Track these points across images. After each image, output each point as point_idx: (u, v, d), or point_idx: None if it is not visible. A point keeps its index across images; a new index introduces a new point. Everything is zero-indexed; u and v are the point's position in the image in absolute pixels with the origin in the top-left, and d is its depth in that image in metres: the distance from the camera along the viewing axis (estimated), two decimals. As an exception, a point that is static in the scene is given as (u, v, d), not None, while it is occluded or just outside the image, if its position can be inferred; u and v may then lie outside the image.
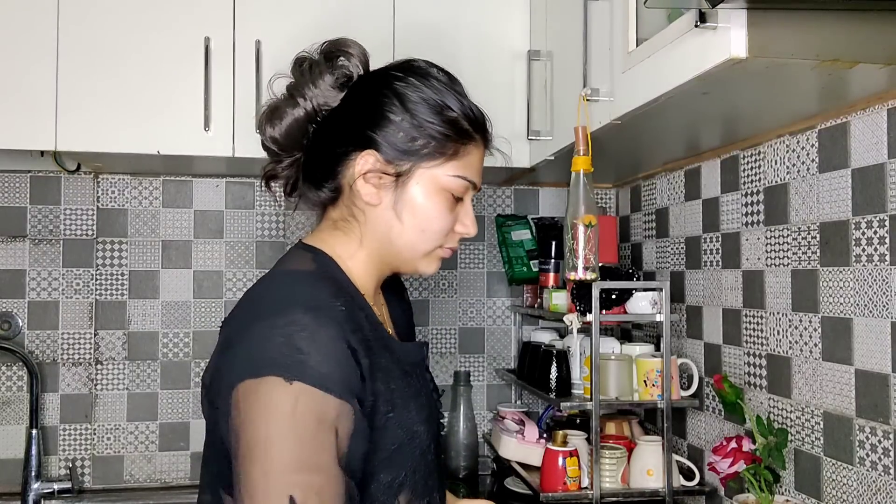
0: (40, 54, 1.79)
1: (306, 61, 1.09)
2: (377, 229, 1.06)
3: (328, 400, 0.89)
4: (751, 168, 1.64)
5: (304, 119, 1.08)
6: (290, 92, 1.09)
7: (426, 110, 1.04)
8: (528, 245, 2.25)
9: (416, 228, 1.05)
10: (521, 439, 1.91)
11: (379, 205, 1.05)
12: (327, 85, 1.07)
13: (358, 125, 1.05)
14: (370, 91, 1.06)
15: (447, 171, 1.05)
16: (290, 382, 0.88)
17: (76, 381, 2.17)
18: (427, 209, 1.05)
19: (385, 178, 1.04)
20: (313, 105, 1.07)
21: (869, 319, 1.30)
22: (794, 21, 1.02)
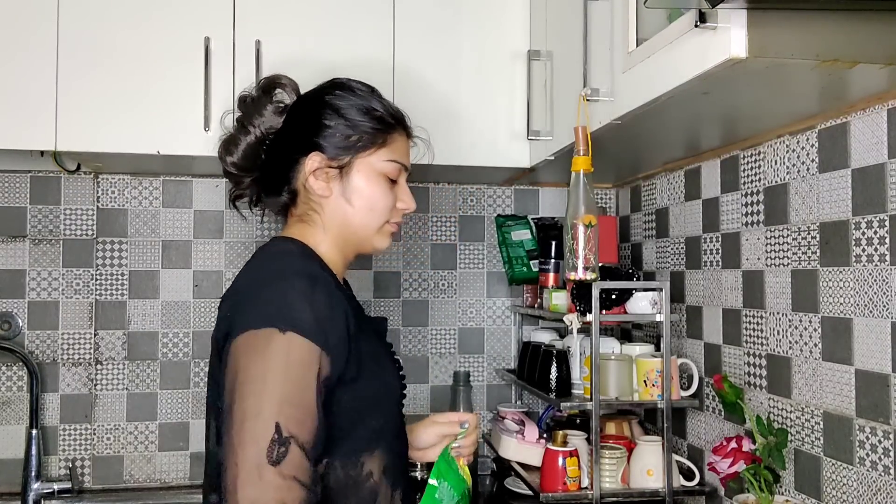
0: (40, 54, 1.79)
1: (248, 97, 1.32)
2: (335, 216, 1.26)
3: (315, 350, 1.07)
4: (751, 168, 1.64)
5: (255, 143, 1.30)
6: (240, 123, 1.31)
7: (355, 113, 1.26)
8: (528, 245, 2.25)
9: (365, 209, 1.26)
10: (521, 439, 1.91)
11: (331, 196, 1.26)
12: (269, 112, 1.30)
13: (302, 136, 1.26)
14: (307, 107, 1.28)
15: (380, 158, 1.27)
16: (284, 332, 1.06)
17: (76, 381, 2.17)
18: (371, 191, 1.26)
19: (331, 171, 1.25)
20: (262, 130, 1.29)
21: (869, 319, 1.30)
22: (794, 21, 1.02)
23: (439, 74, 1.94)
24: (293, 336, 1.06)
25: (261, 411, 1.03)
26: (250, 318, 1.09)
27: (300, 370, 1.06)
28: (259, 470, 1.01)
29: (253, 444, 1.02)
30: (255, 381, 1.05)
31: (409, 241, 2.34)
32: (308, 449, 1.05)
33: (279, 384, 1.05)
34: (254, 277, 1.18)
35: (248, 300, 1.13)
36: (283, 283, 1.12)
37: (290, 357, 1.06)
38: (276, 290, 1.11)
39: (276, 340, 1.06)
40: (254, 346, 1.07)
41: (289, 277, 1.13)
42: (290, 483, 1.02)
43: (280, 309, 1.08)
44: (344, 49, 1.88)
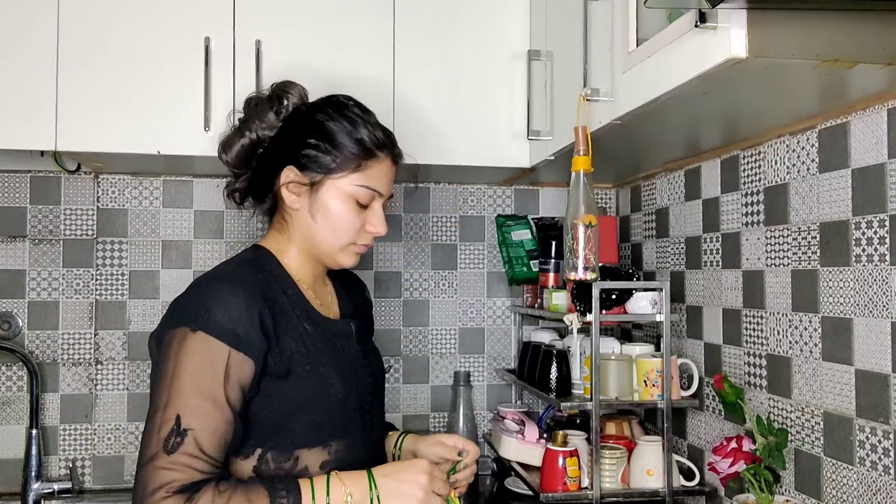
0: (40, 54, 1.79)
1: (253, 100, 1.38)
2: (300, 228, 1.34)
3: (223, 348, 1.15)
4: (751, 168, 1.64)
5: (250, 146, 1.36)
6: (239, 125, 1.38)
7: (338, 135, 1.31)
8: (528, 245, 2.25)
9: (327, 228, 1.32)
10: (522, 439, 1.91)
11: (300, 209, 1.33)
12: (271, 118, 1.35)
13: (286, 147, 1.33)
14: (298, 121, 1.34)
15: (352, 182, 1.31)
16: (195, 332, 1.16)
17: (76, 381, 2.17)
18: (336, 212, 1.32)
19: (301, 187, 1.32)
20: (258, 134, 1.35)
21: (869, 319, 1.30)
22: (794, 21, 1.02)
23: (440, 74, 1.94)
24: (202, 335, 1.15)
25: (166, 404, 1.13)
26: (170, 318, 1.20)
27: (207, 367, 1.14)
28: (155, 458, 1.10)
29: (155, 434, 1.12)
30: (166, 376, 1.15)
31: (409, 241, 2.34)
32: (207, 440, 1.12)
33: (186, 379, 1.13)
34: (192, 283, 1.27)
35: (175, 302, 1.23)
36: (204, 287, 1.22)
37: (198, 354, 1.14)
38: (196, 293, 1.22)
39: (187, 339, 1.15)
40: (168, 343, 1.17)
41: (211, 281, 1.23)
42: (180, 467, 1.10)
43: (195, 310, 1.18)
44: (344, 49, 1.88)
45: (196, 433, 1.12)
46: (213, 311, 1.17)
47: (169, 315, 1.22)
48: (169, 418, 1.12)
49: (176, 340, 1.17)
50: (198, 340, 1.16)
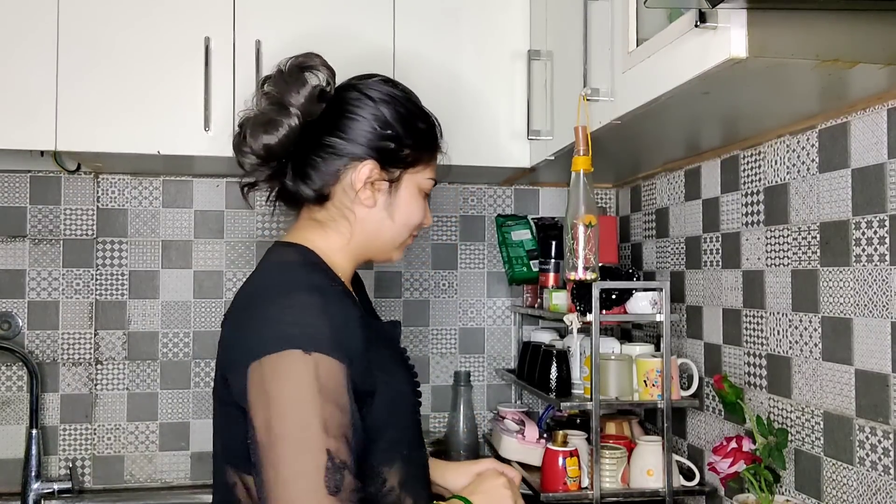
0: (40, 54, 1.79)
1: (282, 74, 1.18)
2: (367, 227, 1.20)
3: (342, 367, 1.02)
4: (751, 168, 1.64)
5: (297, 128, 1.15)
6: (276, 101, 1.16)
7: (411, 125, 1.19)
8: (528, 245, 2.25)
9: (402, 225, 1.22)
10: (522, 439, 1.91)
11: (374, 207, 1.19)
12: (307, 95, 1.16)
13: (353, 137, 1.16)
14: (356, 105, 1.18)
15: (426, 176, 1.23)
16: (309, 353, 0.99)
17: (76, 381, 2.17)
18: (413, 208, 1.22)
19: (382, 184, 1.18)
20: (302, 114, 1.15)
21: (869, 319, 1.30)
22: (794, 21, 1.02)
23: (439, 74, 1.94)
24: (319, 357, 1.00)
25: (307, 441, 0.96)
26: (266, 342, 1.01)
27: (335, 391, 1.00)
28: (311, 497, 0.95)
29: (304, 477, 0.95)
30: (293, 410, 0.98)
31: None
32: (354, 471, 1.00)
33: (318, 409, 0.98)
34: (258, 294, 1.10)
35: (257, 321, 1.04)
36: (293, 300, 1.04)
37: (321, 379, 0.99)
38: (287, 308, 1.04)
39: (302, 363, 0.99)
40: (279, 372, 0.99)
41: (297, 293, 1.06)
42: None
43: (298, 328, 1.01)
44: (344, 49, 1.86)
45: (349, 464, 0.99)
46: (317, 326, 1.02)
47: (258, 338, 1.03)
48: (318, 457, 0.96)
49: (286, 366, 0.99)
50: (316, 363, 1.00)
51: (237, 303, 1.13)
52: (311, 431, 0.97)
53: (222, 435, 1.15)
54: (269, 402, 0.99)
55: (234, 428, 1.07)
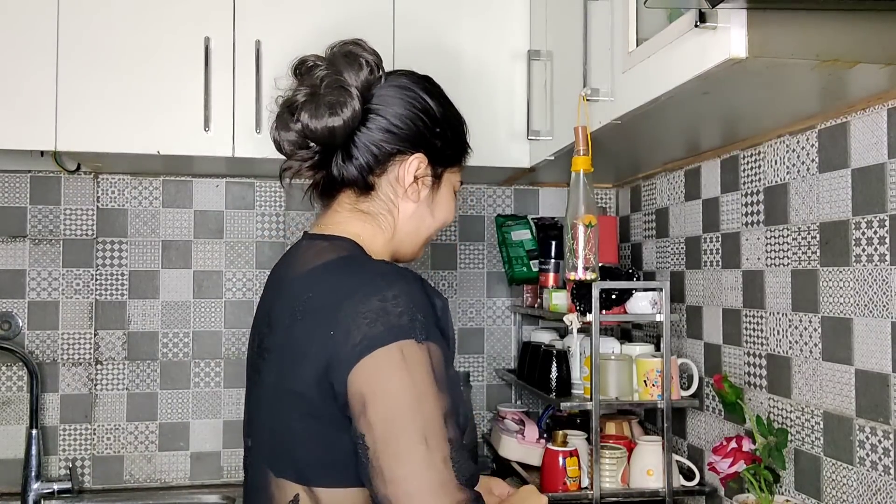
0: (40, 54, 1.79)
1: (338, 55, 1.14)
2: (411, 223, 1.19)
3: (447, 351, 1.02)
4: (751, 168, 1.64)
5: (360, 110, 1.12)
6: (339, 86, 1.12)
7: (456, 125, 1.22)
8: (528, 245, 2.25)
9: (440, 222, 1.23)
10: (521, 439, 1.91)
11: (418, 202, 1.18)
12: (364, 80, 1.13)
13: (408, 129, 1.15)
14: (415, 99, 1.17)
15: (458, 177, 1.25)
16: (421, 343, 0.97)
17: (76, 381, 2.17)
18: (450, 207, 1.24)
19: (427, 180, 1.18)
20: (362, 97, 1.13)
21: (869, 319, 1.30)
22: (794, 21, 1.02)
23: (439, 75, 1.92)
24: (430, 344, 0.98)
25: (431, 433, 0.95)
26: (374, 334, 0.96)
27: (446, 377, 0.99)
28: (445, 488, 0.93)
29: (433, 469, 0.93)
30: (413, 402, 0.95)
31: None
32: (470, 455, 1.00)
33: (436, 398, 0.96)
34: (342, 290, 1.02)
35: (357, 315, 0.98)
36: (393, 288, 1.00)
37: (435, 367, 0.98)
38: (389, 298, 0.99)
39: (416, 353, 0.97)
40: (395, 364, 0.96)
41: (395, 281, 1.01)
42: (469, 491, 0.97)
43: (407, 317, 0.98)
44: (344, 49, 1.88)
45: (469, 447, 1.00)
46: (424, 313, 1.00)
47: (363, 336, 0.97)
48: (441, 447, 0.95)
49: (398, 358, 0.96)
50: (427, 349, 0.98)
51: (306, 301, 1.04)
52: (434, 422, 0.95)
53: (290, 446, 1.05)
54: (388, 396, 0.95)
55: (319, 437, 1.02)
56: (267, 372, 1.10)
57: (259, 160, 1.89)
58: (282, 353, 1.06)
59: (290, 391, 1.03)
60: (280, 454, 1.06)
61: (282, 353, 1.06)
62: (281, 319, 1.07)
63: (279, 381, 1.06)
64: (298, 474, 1.03)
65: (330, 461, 1.01)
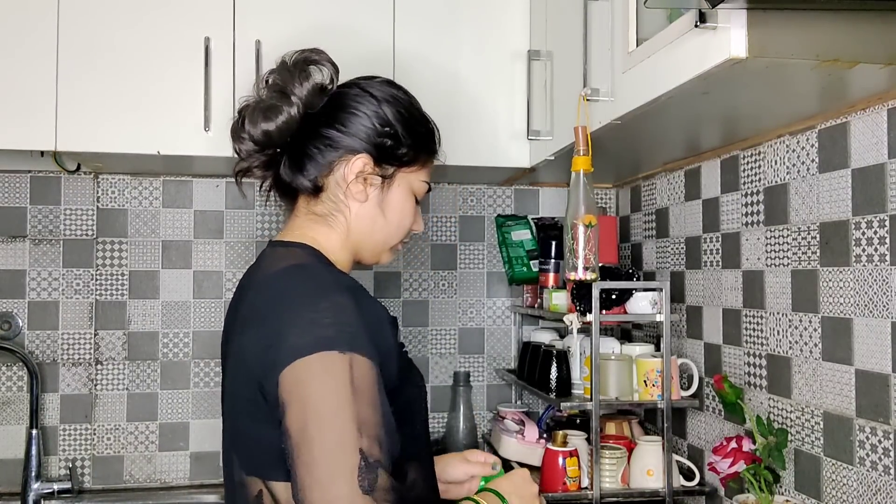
0: (40, 54, 1.79)
1: (287, 65, 1.20)
2: (362, 223, 1.20)
3: (373, 365, 1.01)
4: (751, 168, 1.64)
5: (298, 117, 1.17)
6: (280, 90, 1.18)
7: (410, 125, 1.20)
8: (528, 245, 2.25)
9: (394, 224, 1.22)
10: (521, 439, 1.91)
11: (366, 202, 1.19)
12: (310, 88, 1.18)
13: (351, 130, 1.17)
14: (357, 101, 1.19)
15: (419, 178, 1.23)
16: (344, 353, 0.99)
17: (76, 382, 2.17)
18: (403, 208, 1.22)
19: (374, 179, 1.18)
20: (303, 104, 1.18)
21: (869, 319, 1.30)
22: (794, 21, 1.02)
23: (439, 74, 1.94)
24: (354, 356, 0.99)
25: (342, 442, 0.96)
26: (303, 345, 0.99)
27: (369, 390, 1.00)
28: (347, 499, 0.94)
29: (340, 477, 0.94)
30: (328, 411, 0.97)
31: (408, 240, 2.33)
32: (389, 469, 0.99)
33: (352, 409, 0.97)
34: (285, 297, 1.07)
35: (290, 325, 1.02)
36: (329, 301, 1.03)
37: (355, 379, 0.98)
38: (324, 310, 1.02)
39: (337, 364, 0.98)
40: (315, 373, 0.98)
41: (332, 293, 1.04)
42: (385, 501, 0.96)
43: (334, 329, 1.00)
44: (344, 49, 1.86)
45: (384, 463, 0.98)
46: (353, 326, 1.01)
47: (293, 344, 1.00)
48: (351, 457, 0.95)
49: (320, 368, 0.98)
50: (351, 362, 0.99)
51: (254, 309, 1.09)
52: (346, 432, 0.96)
53: (248, 445, 1.11)
54: (305, 405, 0.98)
55: (266, 436, 1.05)
56: (226, 376, 1.17)
57: (259, 160, 1.89)
58: (234, 360, 1.11)
59: (241, 395, 1.09)
60: (243, 452, 1.11)
61: (234, 360, 1.11)
62: (235, 327, 1.13)
63: (232, 386, 1.12)
64: (258, 470, 1.08)
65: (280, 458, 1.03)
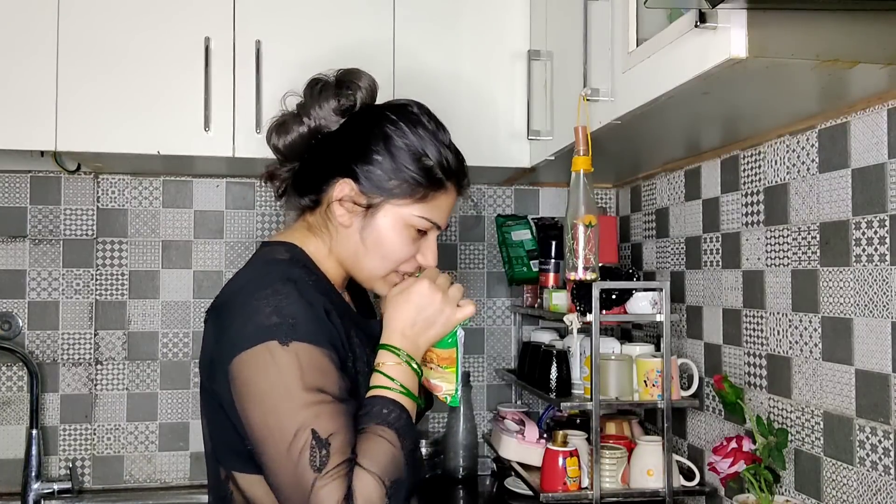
0: (40, 54, 1.79)
1: (319, 83, 1.23)
2: (345, 247, 1.20)
3: (321, 352, 1.04)
4: (751, 168, 1.64)
5: (308, 136, 1.22)
6: (298, 110, 1.23)
7: (406, 156, 1.16)
8: (528, 245, 2.25)
9: (377, 255, 1.19)
10: (522, 439, 1.91)
11: (350, 227, 1.18)
12: (330, 109, 1.21)
13: (346, 154, 1.18)
14: (363, 126, 1.20)
15: (413, 212, 1.18)
16: (287, 344, 1.02)
17: (76, 381, 2.17)
18: (390, 240, 1.18)
19: (357, 206, 1.17)
20: (316, 125, 1.21)
21: (869, 319, 1.30)
22: (794, 21, 1.02)
23: (439, 74, 1.94)
24: (298, 345, 1.03)
25: (295, 428, 1.00)
26: (245, 337, 1.04)
27: (318, 376, 1.03)
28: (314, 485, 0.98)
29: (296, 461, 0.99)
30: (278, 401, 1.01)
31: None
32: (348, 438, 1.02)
33: (301, 397, 1.01)
34: (239, 290, 1.11)
35: (236, 317, 1.07)
36: (269, 291, 1.06)
37: (302, 367, 1.02)
38: (263, 300, 1.05)
39: (280, 354, 1.02)
40: (260, 365, 1.02)
41: (273, 285, 1.07)
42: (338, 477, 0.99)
43: (274, 319, 1.03)
44: (344, 49, 1.88)
45: (337, 437, 1.01)
46: (294, 316, 1.04)
47: (238, 335, 1.05)
48: (304, 439, 0.99)
49: (265, 359, 1.02)
50: (294, 351, 1.02)
51: (221, 297, 1.15)
52: (298, 418, 1.00)
53: (212, 433, 1.17)
54: (255, 398, 1.02)
55: (222, 425, 1.11)
56: None
57: (259, 160, 1.89)
58: (201, 352, 1.16)
59: (204, 387, 1.15)
60: (216, 444, 1.16)
61: (201, 352, 1.16)
62: None
63: (201, 378, 1.17)
64: (225, 462, 1.14)
65: (241, 449, 1.08)
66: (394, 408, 1.09)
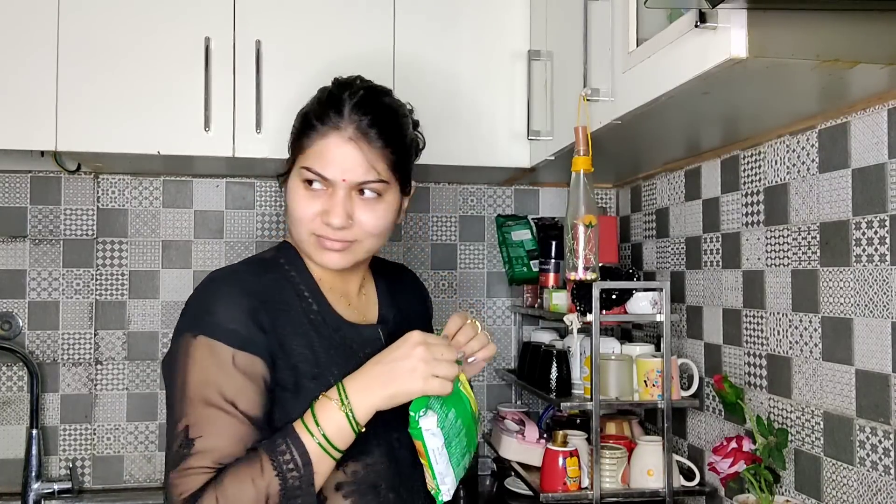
0: (40, 54, 1.79)
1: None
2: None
3: (227, 350, 1.06)
4: (751, 168, 1.64)
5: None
6: None
7: (303, 111, 1.20)
8: (528, 245, 2.25)
9: (291, 220, 1.19)
10: (522, 439, 1.91)
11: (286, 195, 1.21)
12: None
13: None
14: None
15: (300, 164, 1.17)
16: (195, 337, 1.07)
17: (76, 381, 2.17)
18: (290, 200, 1.18)
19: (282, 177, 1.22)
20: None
21: (869, 319, 1.30)
22: (794, 21, 1.02)
23: (439, 74, 1.94)
24: (202, 339, 1.07)
25: (176, 415, 1.06)
26: (177, 326, 1.12)
27: (212, 371, 1.05)
28: (170, 472, 1.04)
29: (169, 448, 1.06)
30: (175, 386, 1.07)
31: (409, 241, 2.34)
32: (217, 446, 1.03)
33: (192, 387, 1.05)
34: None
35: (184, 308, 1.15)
36: (202, 288, 1.14)
37: (201, 360, 1.06)
38: (195, 296, 1.14)
39: (190, 345, 1.07)
40: (172, 354, 1.10)
41: (210, 282, 1.14)
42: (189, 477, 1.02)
43: (195, 313, 1.10)
44: (344, 49, 1.88)
45: (204, 441, 1.02)
46: (211, 312, 1.08)
47: (177, 322, 1.13)
48: (179, 430, 1.04)
49: (181, 348, 1.08)
50: (200, 345, 1.06)
51: None
52: (182, 406, 1.05)
53: None
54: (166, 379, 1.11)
55: None
56: None
57: (259, 160, 1.89)
58: None
59: None
60: None
61: None
62: None
63: None
64: None
65: None
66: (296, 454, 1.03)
